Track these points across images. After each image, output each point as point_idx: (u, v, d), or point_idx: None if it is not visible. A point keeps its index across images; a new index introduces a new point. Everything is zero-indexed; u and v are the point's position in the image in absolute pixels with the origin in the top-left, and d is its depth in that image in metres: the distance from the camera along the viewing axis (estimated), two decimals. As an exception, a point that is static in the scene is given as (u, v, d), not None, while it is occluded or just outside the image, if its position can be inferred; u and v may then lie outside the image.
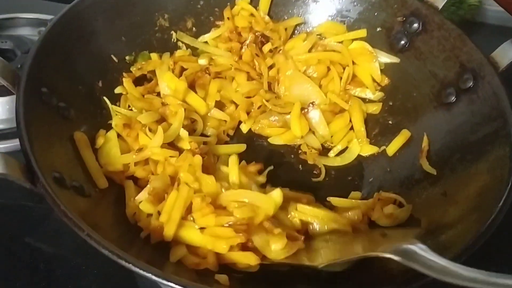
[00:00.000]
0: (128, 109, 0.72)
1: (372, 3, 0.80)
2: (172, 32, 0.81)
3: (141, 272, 0.43)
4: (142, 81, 0.75)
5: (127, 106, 0.72)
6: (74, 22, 0.68)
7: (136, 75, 0.75)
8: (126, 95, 0.72)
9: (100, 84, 0.71)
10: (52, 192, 0.47)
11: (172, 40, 0.81)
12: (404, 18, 0.77)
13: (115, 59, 0.74)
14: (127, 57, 0.76)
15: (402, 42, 0.78)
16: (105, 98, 0.70)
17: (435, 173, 0.66)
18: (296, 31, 0.86)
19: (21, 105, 0.54)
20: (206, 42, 0.83)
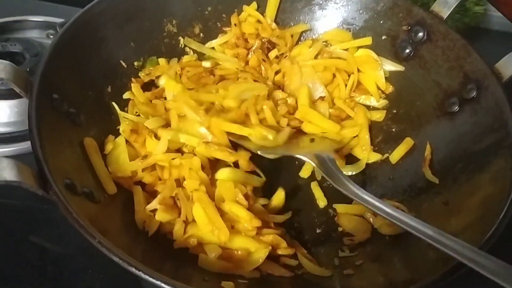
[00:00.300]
0: (136, 115, 0.72)
1: (378, 12, 0.81)
2: (180, 38, 0.82)
3: (150, 280, 0.45)
4: (151, 87, 0.76)
5: (135, 112, 0.73)
6: (85, 28, 0.69)
7: (145, 81, 0.76)
8: (134, 101, 0.73)
9: (109, 90, 0.72)
10: (64, 200, 0.48)
11: (180, 46, 0.82)
12: (409, 27, 0.78)
13: (124, 65, 0.75)
14: (136, 63, 0.77)
15: (407, 51, 0.78)
16: (114, 104, 0.71)
17: (438, 182, 0.67)
18: (302, 38, 0.87)
19: (34, 112, 0.55)
20: (213, 48, 0.84)
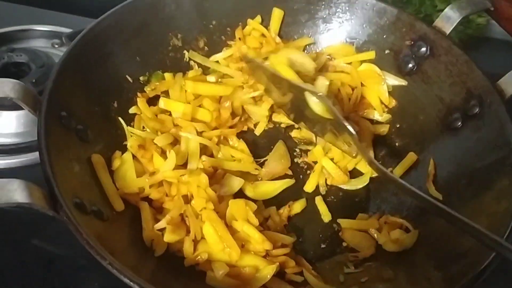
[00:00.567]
0: (142, 130, 0.73)
1: (381, 26, 0.81)
2: (185, 52, 0.82)
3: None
4: (156, 100, 0.76)
5: (141, 127, 0.73)
6: (92, 44, 0.69)
7: (150, 96, 0.76)
8: (140, 115, 0.74)
9: (115, 105, 0.72)
10: (75, 220, 0.48)
11: (185, 59, 0.83)
12: (412, 42, 0.78)
13: (130, 79, 0.75)
14: (141, 77, 0.77)
15: (410, 65, 0.79)
16: (120, 119, 0.71)
17: (441, 198, 0.67)
18: (306, 51, 0.87)
19: (43, 131, 0.55)
20: (218, 62, 0.84)
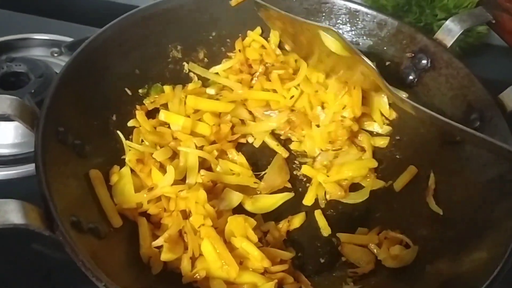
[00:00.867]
0: (141, 143, 0.72)
1: (382, 38, 0.81)
2: (184, 63, 0.82)
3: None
4: (155, 113, 0.76)
5: (140, 140, 0.73)
6: (91, 58, 0.68)
7: (149, 108, 0.76)
8: (139, 128, 0.73)
9: (114, 118, 0.71)
10: (71, 240, 0.48)
11: (184, 71, 0.82)
12: (413, 54, 0.78)
13: (129, 92, 0.75)
14: (140, 90, 0.77)
15: (411, 78, 0.79)
16: (119, 133, 0.71)
17: (441, 213, 0.67)
18: (306, 63, 0.87)
19: (40, 148, 0.54)
20: (217, 73, 0.84)
